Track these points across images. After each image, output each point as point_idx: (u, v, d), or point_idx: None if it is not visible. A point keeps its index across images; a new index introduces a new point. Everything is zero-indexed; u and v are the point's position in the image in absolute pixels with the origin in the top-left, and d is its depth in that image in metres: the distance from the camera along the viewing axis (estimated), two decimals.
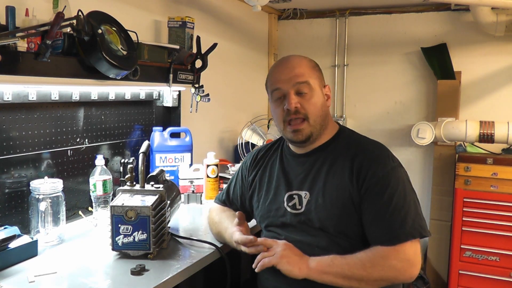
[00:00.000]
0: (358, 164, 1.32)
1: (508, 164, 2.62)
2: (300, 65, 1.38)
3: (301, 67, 1.37)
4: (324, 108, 1.40)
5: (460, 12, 3.02)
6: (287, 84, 1.35)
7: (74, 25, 1.41)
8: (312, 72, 1.39)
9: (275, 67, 1.44)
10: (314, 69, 1.41)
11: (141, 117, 2.19)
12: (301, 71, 1.36)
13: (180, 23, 2.13)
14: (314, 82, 1.37)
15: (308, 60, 1.43)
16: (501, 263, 2.61)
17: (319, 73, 1.43)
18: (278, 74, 1.39)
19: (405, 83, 3.23)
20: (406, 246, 1.23)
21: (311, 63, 1.42)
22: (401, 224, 1.24)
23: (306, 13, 3.44)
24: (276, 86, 1.38)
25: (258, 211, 1.51)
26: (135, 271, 1.29)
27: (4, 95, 1.49)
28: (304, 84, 1.35)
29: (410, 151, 3.24)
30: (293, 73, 1.36)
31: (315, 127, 1.37)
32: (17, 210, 1.60)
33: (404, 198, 1.28)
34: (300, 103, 1.34)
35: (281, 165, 1.47)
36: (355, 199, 1.30)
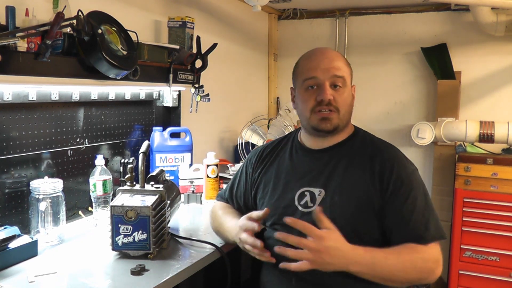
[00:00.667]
0: (379, 166, 1.31)
1: (508, 164, 2.62)
2: (339, 59, 1.37)
3: (340, 61, 1.36)
4: (351, 107, 1.41)
5: (460, 12, 3.02)
6: (325, 75, 1.33)
7: (74, 25, 1.41)
8: (348, 68, 1.39)
9: (310, 55, 1.40)
10: (349, 66, 1.41)
11: (141, 117, 2.19)
12: (339, 65, 1.35)
13: (180, 23, 2.13)
14: (348, 78, 1.37)
15: (343, 56, 1.43)
16: (501, 263, 2.61)
17: (351, 70, 1.42)
18: (316, 63, 1.35)
19: (405, 83, 3.23)
20: (435, 248, 1.25)
21: (346, 60, 1.42)
22: (426, 226, 1.26)
23: (306, 13, 3.44)
24: (312, 75, 1.34)
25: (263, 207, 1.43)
26: (135, 271, 1.29)
27: (4, 95, 1.49)
28: (340, 78, 1.34)
29: (410, 151, 3.24)
30: (331, 65, 1.34)
31: (343, 121, 1.37)
32: (17, 210, 1.60)
33: (426, 200, 1.30)
34: (333, 95, 1.33)
35: (291, 160, 1.44)
36: (376, 202, 1.28)
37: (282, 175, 1.43)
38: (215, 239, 1.56)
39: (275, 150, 1.52)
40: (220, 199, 1.67)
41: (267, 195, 1.45)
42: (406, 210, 1.27)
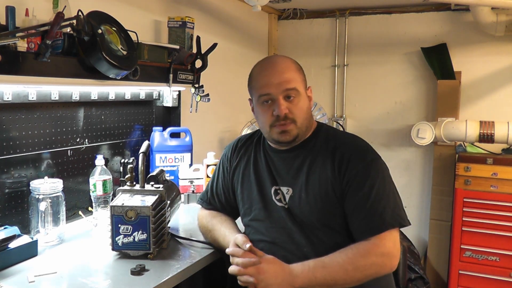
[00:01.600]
0: (339, 157, 1.35)
1: (508, 164, 2.62)
2: (289, 69, 1.38)
3: (290, 72, 1.37)
4: (308, 110, 1.41)
5: (460, 12, 3.02)
6: (277, 89, 1.34)
7: (74, 25, 1.41)
8: (298, 76, 1.39)
9: (262, 69, 1.42)
10: (299, 72, 1.41)
11: (141, 117, 2.19)
12: (290, 77, 1.36)
13: (180, 23, 2.13)
14: (300, 86, 1.38)
15: (294, 62, 1.42)
16: (501, 263, 2.61)
17: (303, 75, 1.42)
18: (268, 78, 1.37)
19: (405, 83, 3.23)
20: (386, 238, 1.28)
21: (297, 66, 1.42)
22: (381, 214, 1.28)
23: (306, 13, 3.44)
24: (266, 91, 1.36)
25: (243, 202, 1.49)
26: (135, 271, 1.29)
27: (4, 95, 1.49)
28: (293, 90, 1.35)
29: (410, 151, 3.24)
30: (282, 78, 1.35)
31: (301, 129, 1.39)
32: (17, 210, 1.60)
33: (384, 189, 1.31)
34: (288, 108, 1.35)
35: (265, 159, 1.47)
36: (337, 192, 1.33)
37: (260, 172, 1.47)
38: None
39: (248, 145, 1.55)
40: (201, 202, 1.66)
41: (246, 190, 1.49)
42: (361, 199, 1.30)
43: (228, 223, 1.52)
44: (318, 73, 3.46)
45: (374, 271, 1.27)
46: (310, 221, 1.34)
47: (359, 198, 1.30)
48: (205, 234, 1.58)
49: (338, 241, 1.31)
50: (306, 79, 1.44)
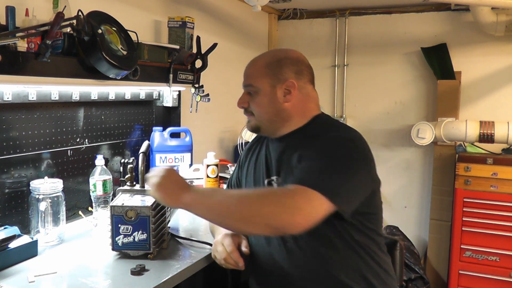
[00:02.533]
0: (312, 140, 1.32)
1: (508, 164, 2.62)
2: (252, 66, 1.44)
3: (251, 68, 1.44)
4: (274, 105, 1.40)
5: (460, 12, 3.02)
6: (243, 84, 1.46)
7: (74, 25, 1.41)
8: (262, 72, 1.40)
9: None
10: (267, 67, 1.40)
11: (141, 117, 2.19)
12: (249, 72, 1.44)
13: (180, 23, 2.13)
14: (262, 82, 1.39)
15: (266, 58, 1.43)
16: (501, 263, 2.61)
17: (276, 70, 1.39)
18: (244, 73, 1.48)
19: (405, 83, 3.23)
20: (303, 193, 1.12)
21: (266, 61, 1.41)
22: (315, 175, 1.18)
23: (306, 13, 3.44)
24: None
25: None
26: (135, 271, 1.29)
27: (4, 95, 1.49)
28: (249, 86, 1.43)
29: (410, 151, 3.24)
30: (245, 74, 1.45)
31: (262, 122, 1.43)
32: (17, 210, 1.60)
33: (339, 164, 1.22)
34: (248, 101, 1.43)
35: (265, 151, 1.50)
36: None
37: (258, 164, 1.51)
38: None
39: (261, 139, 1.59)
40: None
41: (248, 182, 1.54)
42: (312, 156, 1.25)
43: None
44: (318, 73, 3.39)
45: (266, 214, 1.09)
46: None
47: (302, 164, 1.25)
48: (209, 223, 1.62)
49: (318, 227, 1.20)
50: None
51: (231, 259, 1.33)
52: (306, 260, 1.30)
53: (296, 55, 1.45)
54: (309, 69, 1.46)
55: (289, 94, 1.39)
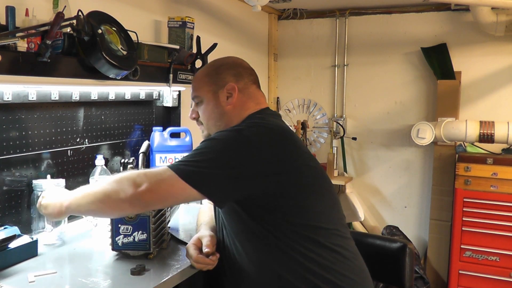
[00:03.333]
0: None
1: (508, 164, 2.62)
2: (195, 79, 1.50)
3: (194, 81, 1.50)
4: (217, 110, 1.42)
5: (460, 12, 3.02)
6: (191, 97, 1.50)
7: (74, 25, 1.41)
8: (203, 82, 1.46)
9: None
10: (207, 76, 1.46)
11: (141, 117, 2.19)
12: (193, 85, 1.49)
13: (180, 23, 2.13)
14: (204, 91, 1.44)
15: (206, 69, 1.50)
16: (501, 263, 2.61)
17: (214, 77, 1.44)
18: None
19: (405, 83, 3.23)
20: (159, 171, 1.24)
21: (205, 71, 1.49)
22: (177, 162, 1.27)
23: (306, 13, 3.45)
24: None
25: None
26: (135, 271, 1.29)
27: (4, 95, 1.48)
28: (195, 98, 1.48)
29: (410, 151, 3.24)
30: (191, 88, 1.50)
31: (210, 129, 1.46)
32: (17, 210, 1.60)
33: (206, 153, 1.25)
34: (197, 111, 1.48)
35: None
36: None
37: None
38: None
39: None
40: None
41: None
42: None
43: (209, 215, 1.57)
44: (318, 73, 3.46)
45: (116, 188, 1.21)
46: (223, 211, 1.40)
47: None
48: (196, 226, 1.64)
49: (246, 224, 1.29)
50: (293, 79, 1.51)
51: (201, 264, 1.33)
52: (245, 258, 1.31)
53: (232, 60, 1.50)
54: (249, 70, 1.48)
55: (231, 97, 1.42)
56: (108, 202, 1.23)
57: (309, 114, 3.50)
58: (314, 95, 3.49)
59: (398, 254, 1.57)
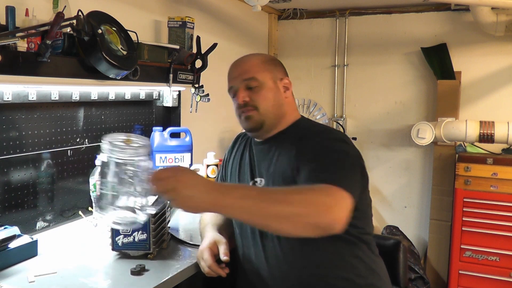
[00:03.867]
0: (303, 142, 1.32)
1: (508, 164, 2.62)
2: (249, 61, 1.46)
3: (249, 63, 1.44)
4: (277, 99, 1.43)
5: (460, 12, 3.02)
6: (237, 81, 1.43)
7: (74, 25, 1.41)
8: (261, 67, 1.43)
9: (230, 66, 1.52)
10: (265, 63, 1.45)
11: (141, 117, 2.19)
12: (247, 68, 1.43)
13: (180, 23, 2.13)
14: (263, 75, 1.42)
15: (260, 56, 1.49)
16: (501, 263, 2.61)
17: (272, 67, 1.46)
18: (231, 73, 1.48)
19: (405, 83, 3.23)
20: (338, 191, 1.08)
21: (261, 58, 1.47)
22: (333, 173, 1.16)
23: (306, 13, 3.44)
24: (230, 85, 1.46)
25: None
26: (135, 271, 1.29)
27: (4, 95, 1.48)
28: (251, 80, 1.41)
29: (410, 151, 3.24)
30: (241, 70, 1.44)
31: (267, 116, 1.40)
32: (17, 210, 1.60)
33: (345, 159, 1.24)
34: (249, 96, 1.41)
35: (249, 153, 1.50)
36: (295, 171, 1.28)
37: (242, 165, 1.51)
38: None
39: (244, 139, 1.59)
40: None
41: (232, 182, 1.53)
42: (316, 156, 1.23)
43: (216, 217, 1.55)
44: (318, 73, 3.46)
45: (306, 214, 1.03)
46: None
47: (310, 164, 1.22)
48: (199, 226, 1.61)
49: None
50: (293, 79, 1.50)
51: (212, 272, 1.33)
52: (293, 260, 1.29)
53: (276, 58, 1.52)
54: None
55: (287, 91, 1.46)
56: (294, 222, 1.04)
57: (309, 114, 3.49)
58: (314, 95, 3.48)
59: (393, 251, 1.60)
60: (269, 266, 1.33)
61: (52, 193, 1.74)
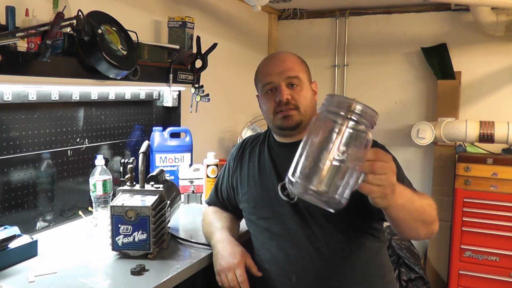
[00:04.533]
0: None
1: (508, 164, 2.62)
2: (290, 59, 1.43)
3: (291, 61, 1.42)
4: (312, 101, 1.44)
5: (460, 12, 3.02)
6: (279, 77, 1.39)
7: (74, 25, 1.41)
8: (301, 67, 1.44)
9: (265, 61, 1.48)
10: (302, 64, 1.46)
11: (141, 117, 2.19)
12: (291, 65, 1.41)
13: (180, 23, 2.13)
14: (303, 76, 1.42)
15: (297, 56, 1.48)
16: (501, 263, 2.61)
17: (307, 69, 1.47)
18: (270, 68, 1.42)
19: (405, 83, 3.23)
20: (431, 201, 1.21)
21: (300, 59, 1.48)
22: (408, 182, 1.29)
23: (306, 13, 3.44)
24: (269, 80, 1.41)
25: (249, 202, 1.49)
26: (135, 271, 1.29)
27: (4, 95, 1.49)
28: (294, 78, 1.39)
29: (410, 151, 3.24)
30: (284, 67, 1.40)
31: (305, 117, 1.39)
32: (17, 210, 1.60)
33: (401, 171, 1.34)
34: (291, 94, 1.38)
35: (269, 155, 1.48)
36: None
37: (264, 169, 1.47)
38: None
39: (254, 144, 1.57)
40: (207, 200, 1.72)
41: (252, 188, 1.49)
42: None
43: (224, 220, 1.54)
44: (318, 73, 3.46)
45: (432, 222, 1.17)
46: (319, 215, 1.33)
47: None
48: (203, 229, 1.60)
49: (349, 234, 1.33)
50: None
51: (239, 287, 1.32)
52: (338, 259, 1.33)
53: None
54: None
55: (315, 95, 1.47)
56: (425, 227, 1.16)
57: None
58: None
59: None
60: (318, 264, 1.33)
61: (52, 193, 1.74)
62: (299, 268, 1.34)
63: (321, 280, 1.32)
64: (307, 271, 1.33)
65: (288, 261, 1.36)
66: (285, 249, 1.36)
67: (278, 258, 1.38)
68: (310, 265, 1.33)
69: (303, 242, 1.34)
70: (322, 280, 1.32)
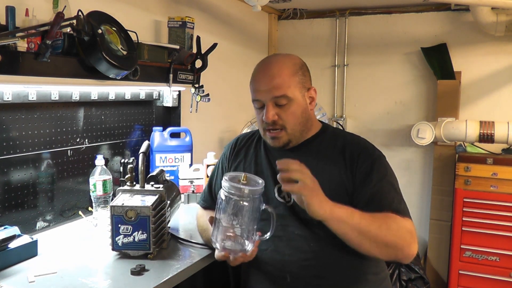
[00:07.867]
0: (349, 155, 1.36)
1: (508, 164, 2.62)
2: (280, 74, 1.34)
3: (280, 77, 1.33)
4: (305, 114, 1.39)
5: (460, 12, 3.02)
6: (266, 96, 1.34)
7: (74, 25, 1.41)
8: (292, 80, 1.35)
9: (257, 71, 1.41)
10: (295, 75, 1.36)
11: (141, 117, 2.19)
12: (279, 82, 1.33)
13: (180, 23, 2.13)
14: (293, 91, 1.34)
15: (290, 65, 1.37)
16: (501, 263, 2.61)
17: (301, 77, 1.37)
18: (258, 84, 1.37)
19: (405, 83, 3.23)
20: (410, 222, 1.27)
21: (293, 68, 1.37)
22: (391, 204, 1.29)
23: (306, 13, 3.44)
24: (257, 97, 1.37)
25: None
26: (135, 271, 1.29)
27: (4, 95, 1.49)
28: (282, 98, 1.33)
29: (410, 151, 3.24)
30: (272, 84, 1.33)
31: (294, 135, 1.38)
32: (17, 210, 1.60)
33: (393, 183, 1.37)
34: (278, 114, 1.34)
35: (267, 157, 1.46)
36: (349, 189, 1.33)
37: (261, 170, 1.45)
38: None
39: (249, 143, 1.54)
40: (201, 203, 1.68)
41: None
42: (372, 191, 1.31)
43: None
44: (318, 73, 3.46)
45: (401, 245, 1.23)
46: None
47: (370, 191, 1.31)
48: (201, 233, 1.58)
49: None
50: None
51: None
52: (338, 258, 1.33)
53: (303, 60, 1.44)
54: None
55: (313, 101, 1.42)
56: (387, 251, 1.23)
57: None
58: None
59: None
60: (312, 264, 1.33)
61: (52, 193, 1.74)
62: (294, 268, 1.34)
63: (315, 279, 1.32)
64: (302, 271, 1.33)
65: (283, 261, 1.36)
66: (280, 249, 1.36)
67: (273, 258, 1.38)
68: (305, 265, 1.33)
69: (299, 243, 1.34)
70: (316, 279, 1.32)
